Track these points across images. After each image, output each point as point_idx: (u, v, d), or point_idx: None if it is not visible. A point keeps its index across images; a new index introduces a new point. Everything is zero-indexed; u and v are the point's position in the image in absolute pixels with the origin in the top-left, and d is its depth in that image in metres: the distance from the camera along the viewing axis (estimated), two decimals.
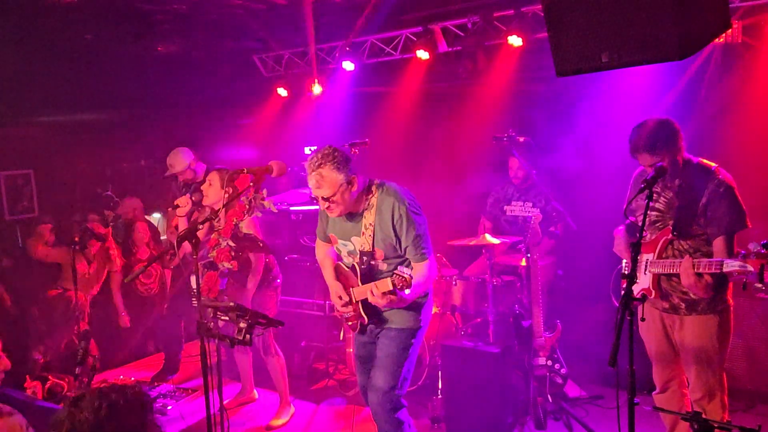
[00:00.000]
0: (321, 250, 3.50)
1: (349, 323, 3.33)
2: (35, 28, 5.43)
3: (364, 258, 3.13)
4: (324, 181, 2.99)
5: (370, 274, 3.15)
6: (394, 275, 2.89)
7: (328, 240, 3.41)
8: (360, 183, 3.09)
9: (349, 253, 3.25)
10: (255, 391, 4.92)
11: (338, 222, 3.24)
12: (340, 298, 3.26)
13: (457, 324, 4.77)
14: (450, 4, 5.81)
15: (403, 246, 3.09)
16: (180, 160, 5.04)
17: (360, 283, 3.16)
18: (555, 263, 5.05)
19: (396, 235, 3.08)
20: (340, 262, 3.38)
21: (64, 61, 5.85)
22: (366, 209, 3.12)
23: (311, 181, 3.03)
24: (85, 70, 6.05)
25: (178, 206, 4.25)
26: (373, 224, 3.08)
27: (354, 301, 3.21)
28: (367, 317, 3.18)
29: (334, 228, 3.30)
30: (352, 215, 3.17)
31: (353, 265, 3.20)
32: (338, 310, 3.35)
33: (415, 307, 3.20)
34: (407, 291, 2.93)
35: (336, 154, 3.00)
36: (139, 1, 5.36)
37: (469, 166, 6.28)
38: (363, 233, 3.11)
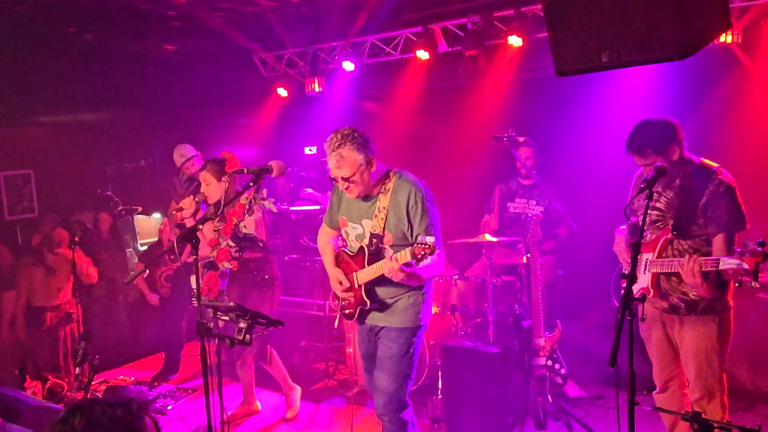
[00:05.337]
0: (324, 238, 3.50)
1: (346, 312, 3.32)
2: (35, 28, 5.43)
3: (374, 240, 3.12)
4: (344, 161, 3.01)
5: (377, 257, 3.13)
6: (414, 245, 2.82)
7: (334, 226, 3.41)
8: (378, 165, 3.11)
9: (357, 237, 3.25)
10: (257, 402, 4.72)
11: (353, 203, 3.23)
12: (341, 284, 3.26)
13: (457, 324, 4.77)
14: (450, 4, 5.79)
15: (414, 233, 3.07)
16: (178, 155, 5.31)
17: (366, 265, 3.15)
18: (554, 263, 5.04)
19: (409, 221, 3.07)
20: (343, 249, 3.37)
21: (64, 60, 5.85)
22: (381, 193, 3.12)
23: (331, 161, 3.03)
24: (85, 70, 6.05)
25: (182, 208, 4.24)
26: (386, 208, 3.09)
27: (356, 285, 3.21)
28: (370, 301, 3.17)
29: (346, 210, 3.29)
30: (367, 198, 3.17)
31: (361, 247, 3.18)
32: (335, 300, 3.31)
33: (416, 305, 3.20)
34: (428, 261, 2.85)
35: (356, 134, 3.03)
36: (138, 1, 5.36)
37: (469, 166, 6.28)
38: (376, 216, 3.12)
